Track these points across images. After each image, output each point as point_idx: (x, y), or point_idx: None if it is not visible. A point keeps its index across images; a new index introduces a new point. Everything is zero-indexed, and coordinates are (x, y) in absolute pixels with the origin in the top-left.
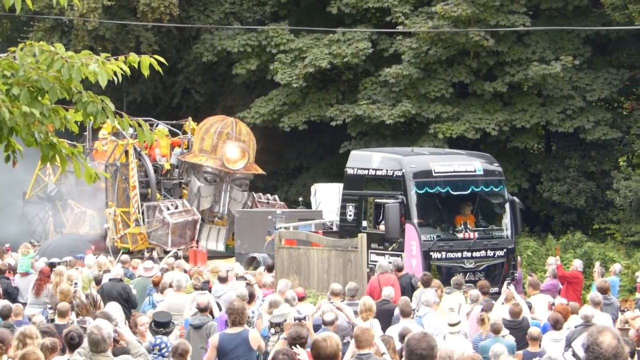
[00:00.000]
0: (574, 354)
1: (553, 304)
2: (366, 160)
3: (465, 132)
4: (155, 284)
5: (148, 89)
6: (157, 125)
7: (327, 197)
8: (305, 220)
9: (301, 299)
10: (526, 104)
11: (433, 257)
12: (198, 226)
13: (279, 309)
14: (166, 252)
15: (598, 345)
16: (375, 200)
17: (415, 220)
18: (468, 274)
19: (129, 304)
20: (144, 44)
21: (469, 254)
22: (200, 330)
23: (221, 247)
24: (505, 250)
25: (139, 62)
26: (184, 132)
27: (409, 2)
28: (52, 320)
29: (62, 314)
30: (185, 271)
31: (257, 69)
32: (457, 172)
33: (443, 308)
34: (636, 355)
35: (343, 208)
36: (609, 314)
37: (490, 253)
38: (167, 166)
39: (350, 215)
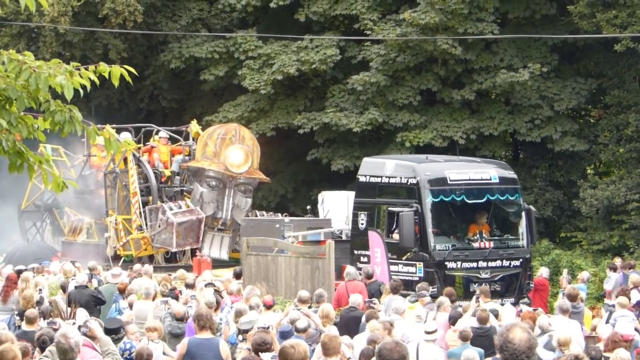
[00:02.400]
0: None
1: (520, 311)
2: (379, 167)
3: (432, 140)
4: (121, 291)
5: (114, 93)
6: (157, 132)
7: (334, 205)
8: (313, 228)
9: (269, 307)
10: (494, 112)
11: (448, 266)
12: (203, 226)
13: (247, 316)
14: (167, 260)
15: (510, 342)
16: (389, 209)
17: (431, 229)
18: (484, 284)
19: (100, 304)
20: (112, 50)
21: (484, 264)
22: (178, 339)
23: (224, 256)
24: (521, 260)
25: (109, 72)
26: (186, 139)
27: (377, 10)
28: (19, 327)
29: (31, 321)
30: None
31: (225, 75)
32: (473, 180)
33: (411, 316)
34: None
35: (355, 216)
36: (577, 321)
37: (506, 263)
38: (167, 173)
39: (362, 224)
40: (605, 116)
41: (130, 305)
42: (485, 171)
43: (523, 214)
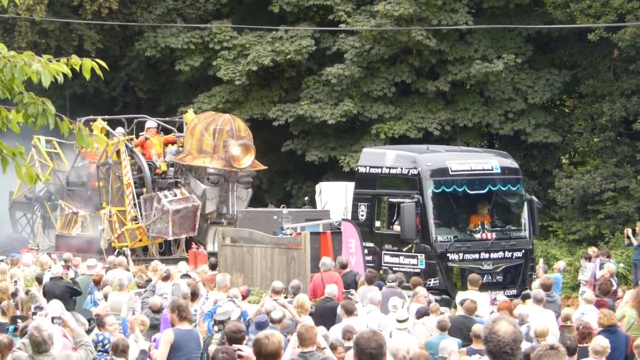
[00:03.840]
0: None
1: (495, 299)
2: (379, 158)
3: (407, 132)
4: (96, 282)
5: (90, 82)
6: (148, 122)
7: (332, 196)
8: (312, 220)
9: (244, 297)
10: (468, 103)
11: (450, 258)
12: (198, 214)
13: (223, 307)
14: (161, 253)
15: (495, 334)
16: (389, 200)
17: (432, 221)
18: (486, 275)
19: (76, 295)
20: (87, 41)
21: (486, 255)
22: (154, 330)
23: None
24: (523, 251)
25: (80, 65)
26: (180, 129)
27: (351, 1)
28: None
29: (5, 312)
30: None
31: (201, 66)
32: (474, 170)
33: (387, 306)
34: (577, 353)
35: (355, 207)
36: (552, 310)
37: (508, 254)
38: (163, 167)
39: (362, 215)
40: (579, 106)
41: (106, 297)
42: (486, 161)
43: (525, 204)
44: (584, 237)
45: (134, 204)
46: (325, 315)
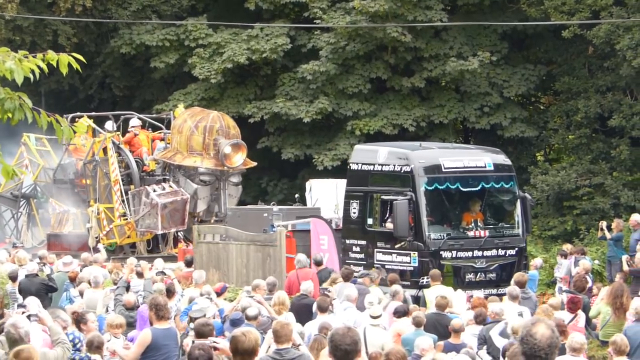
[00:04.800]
0: (490, 349)
1: (471, 297)
2: (371, 155)
3: (382, 128)
4: (72, 279)
5: (65, 79)
6: (132, 119)
7: (323, 193)
8: (303, 217)
9: (220, 294)
10: (444, 100)
11: (443, 256)
12: (187, 207)
13: (199, 304)
14: (149, 251)
15: (532, 337)
16: (382, 197)
17: (425, 218)
18: (479, 273)
19: (51, 292)
20: (62, 36)
21: (479, 253)
22: (129, 328)
23: None
24: (516, 249)
25: (57, 60)
26: (168, 126)
27: None
28: None
29: None
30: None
31: (176, 63)
32: (467, 167)
33: (363, 303)
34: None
35: (347, 205)
36: (527, 307)
37: (501, 252)
38: (152, 166)
39: (354, 213)
40: (555, 103)
41: (81, 294)
42: (479, 158)
43: (518, 202)
44: (560, 234)
45: (122, 201)
46: (301, 312)
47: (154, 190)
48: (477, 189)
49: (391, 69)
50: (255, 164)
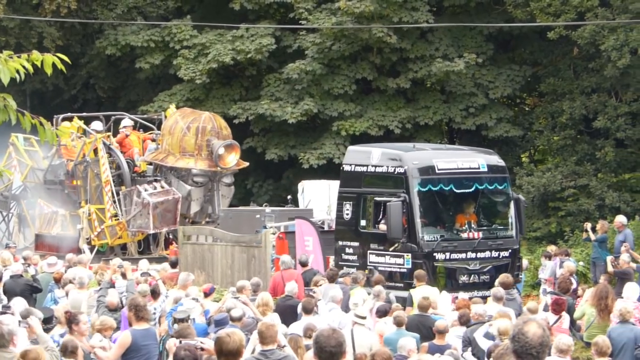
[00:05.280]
0: (475, 351)
1: (456, 298)
2: (365, 156)
3: (368, 129)
4: (57, 280)
5: (50, 79)
6: (124, 119)
7: (315, 194)
8: (295, 219)
9: (208, 295)
10: (429, 101)
11: (437, 258)
12: (179, 206)
13: (184, 305)
14: (140, 252)
15: (524, 335)
16: (375, 199)
17: (419, 220)
18: (472, 275)
19: (36, 292)
20: (47, 39)
21: (473, 255)
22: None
23: None
24: (510, 250)
25: (42, 61)
26: (160, 127)
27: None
28: None
29: None
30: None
31: (161, 64)
32: (461, 168)
33: (348, 304)
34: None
35: (340, 206)
36: (512, 309)
37: (495, 254)
38: (143, 167)
39: (347, 214)
40: (540, 104)
41: (68, 295)
42: (473, 159)
43: (512, 203)
44: (545, 235)
45: (114, 201)
46: (285, 314)
47: (146, 190)
48: (470, 190)
49: (377, 69)
50: (247, 164)
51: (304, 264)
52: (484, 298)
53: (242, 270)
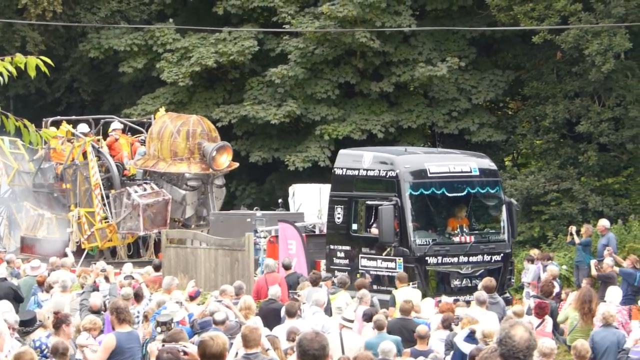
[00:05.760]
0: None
1: (439, 302)
2: (356, 159)
3: (351, 133)
4: (40, 283)
5: (33, 83)
6: (113, 122)
7: (306, 198)
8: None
9: (193, 298)
10: (412, 104)
11: (429, 262)
12: (169, 208)
13: (168, 308)
14: (130, 256)
15: (511, 339)
16: (367, 202)
17: (411, 223)
18: (465, 279)
19: (17, 301)
20: (30, 43)
21: (465, 259)
22: None
23: None
24: (502, 254)
25: (25, 63)
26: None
27: (295, 3)
28: None
29: None
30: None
31: (144, 68)
32: (453, 172)
33: (331, 307)
34: None
35: (331, 210)
36: (495, 312)
37: (487, 258)
38: (132, 170)
39: (338, 218)
40: (523, 108)
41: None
42: (465, 163)
43: (504, 207)
44: (528, 239)
45: (104, 204)
46: (269, 317)
47: (136, 192)
48: (462, 194)
49: (360, 73)
50: (237, 164)
51: (287, 267)
52: (468, 302)
53: (225, 274)
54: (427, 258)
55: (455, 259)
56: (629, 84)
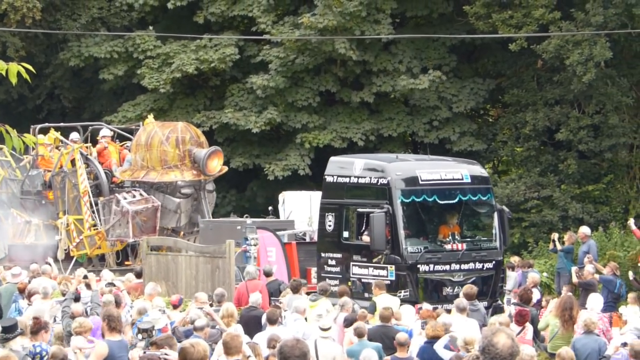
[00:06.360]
0: None
1: (420, 309)
2: (347, 167)
3: (332, 142)
4: (21, 291)
5: (14, 89)
6: (102, 129)
7: (296, 205)
8: (276, 230)
9: (176, 306)
10: (393, 113)
11: (420, 270)
12: (159, 214)
13: (150, 315)
14: (118, 263)
15: (494, 346)
16: (358, 210)
17: (402, 231)
18: (457, 287)
19: None
20: (10, 48)
21: (457, 267)
22: None
23: None
24: (494, 262)
25: (6, 70)
26: None
27: (273, 13)
28: None
29: None
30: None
31: (125, 75)
32: (444, 179)
33: (312, 315)
34: None
35: (322, 217)
36: (476, 320)
37: (479, 265)
38: (121, 178)
39: (329, 226)
40: (503, 115)
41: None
42: (457, 170)
43: (495, 214)
44: (508, 246)
45: (92, 212)
46: (250, 324)
47: (125, 198)
48: (454, 201)
49: (340, 82)
50: (227, 168)
51: (268, 275)
52: (449, 310)
53: (206, 281)
54: (418, 266)
55: (447, 267)
56: (608, 92)
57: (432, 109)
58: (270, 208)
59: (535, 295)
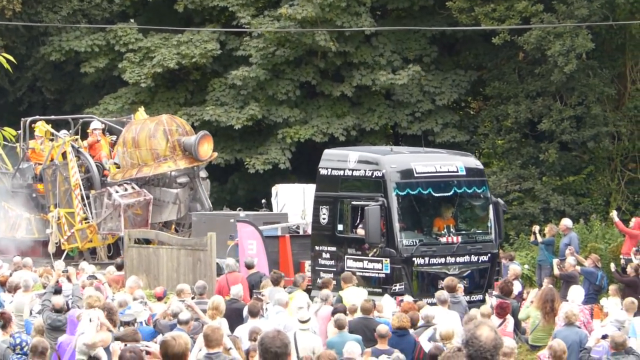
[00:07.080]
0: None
1: (401, 301)
2: (342, 159)
3: (313, 136)
4: (2, 283)
5: None
6: (93, 122)
7: (289, 198)
8: (270, 223)
9: (160, 298)
10: (374, 104)
11: (415, 263)
12: (151, 207)
13: (132, 308)
14: (110, 256)
15: (477, 339)
16: (352, 203)
17: (397, 224)
18: (451, 280)
19: None
20: None
21: (452, 260)
22: (58, 332)
23: None
24: (489, 255)
25: None
26: None
27: (252, 6)
28: None
29: None
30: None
31: (106, 68)
32: (439, 172)
33: (292, 307)
34: None
35: (316, 211)
36: (457, 312)
37: (474, 258)
38: (113, 170)
39: (324, 219)
40: (485, 108)
41: None
42: (451, 163)
43: (490, 207)
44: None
45: (84, 205)
46: (231, 317)
47: (116, 192)
48: (449, 194)
49: (321, 74)
50: (216, 154)
51: (250, 267)
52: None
53: (187, 274)
54: (414, 259)
55: (443, 260)
56: (590, 83)
57: (415, 102)
58: (263, 201)
59: (517, 287)
